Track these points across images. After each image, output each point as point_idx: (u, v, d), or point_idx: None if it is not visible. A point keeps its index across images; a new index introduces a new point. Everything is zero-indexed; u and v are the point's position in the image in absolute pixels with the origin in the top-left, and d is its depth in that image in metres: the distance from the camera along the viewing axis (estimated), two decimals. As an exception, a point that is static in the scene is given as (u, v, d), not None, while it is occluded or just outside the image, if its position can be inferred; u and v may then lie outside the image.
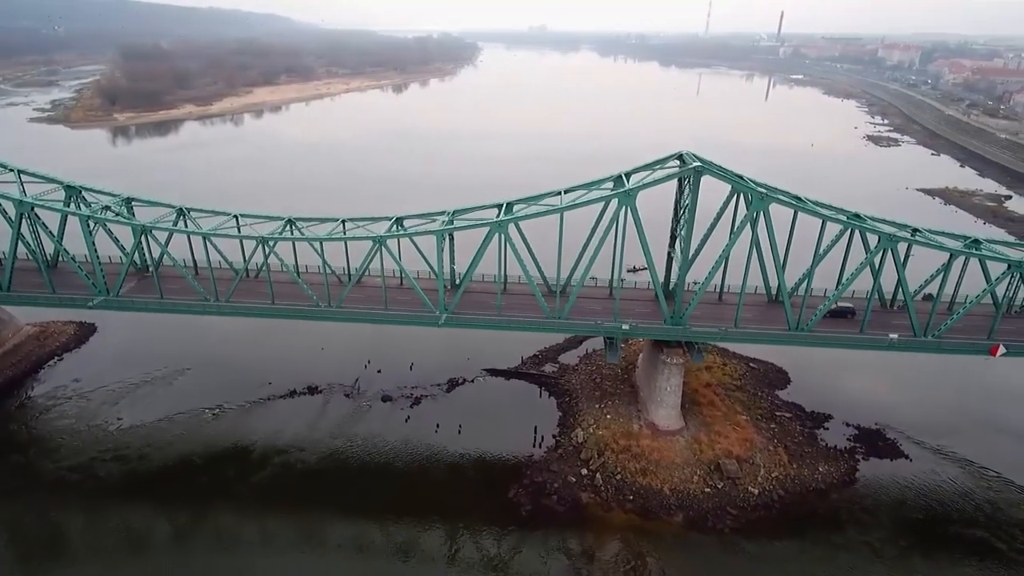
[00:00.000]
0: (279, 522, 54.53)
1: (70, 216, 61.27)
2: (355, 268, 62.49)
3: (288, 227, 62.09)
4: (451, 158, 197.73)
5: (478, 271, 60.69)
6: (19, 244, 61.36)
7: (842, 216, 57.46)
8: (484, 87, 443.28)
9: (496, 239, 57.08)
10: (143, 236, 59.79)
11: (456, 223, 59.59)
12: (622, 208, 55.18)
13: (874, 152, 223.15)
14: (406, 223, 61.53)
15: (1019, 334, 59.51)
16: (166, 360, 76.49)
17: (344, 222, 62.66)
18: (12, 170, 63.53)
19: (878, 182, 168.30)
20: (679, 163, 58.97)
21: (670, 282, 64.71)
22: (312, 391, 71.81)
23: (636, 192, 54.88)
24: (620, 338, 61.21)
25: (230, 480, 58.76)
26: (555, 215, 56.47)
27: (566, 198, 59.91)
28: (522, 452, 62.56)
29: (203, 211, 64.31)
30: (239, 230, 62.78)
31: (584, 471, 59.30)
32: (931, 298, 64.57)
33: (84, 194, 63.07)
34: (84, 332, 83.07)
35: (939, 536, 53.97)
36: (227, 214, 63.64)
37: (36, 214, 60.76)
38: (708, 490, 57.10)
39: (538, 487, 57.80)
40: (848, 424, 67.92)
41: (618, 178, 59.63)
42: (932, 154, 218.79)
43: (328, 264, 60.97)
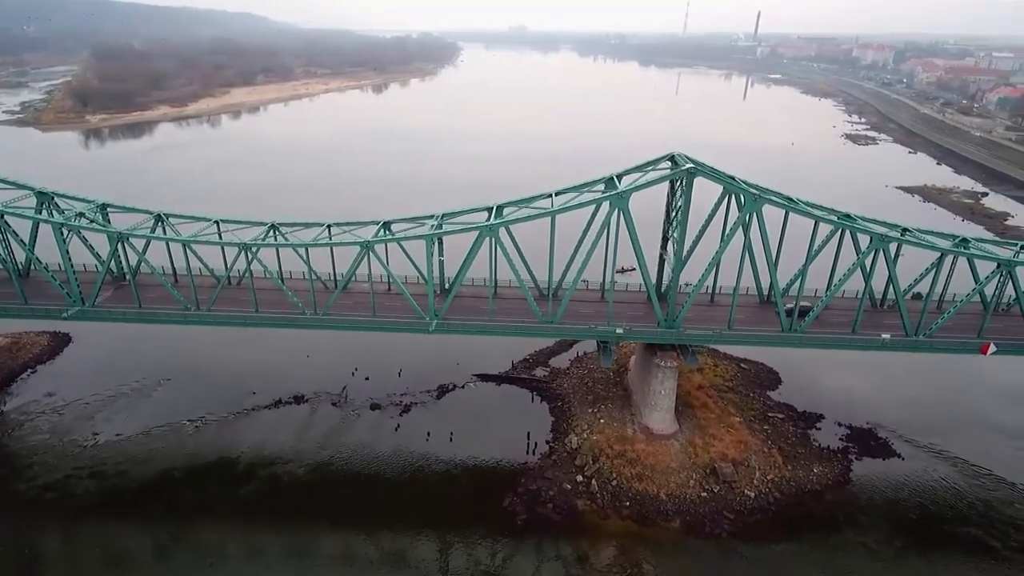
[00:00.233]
0: (266, 537, 52.78)
1: (42, 223, 58.71)
2: (341, 274, 60.90)
3: (271, 233, 60.27)
4: (435, 158, 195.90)
5: (468, 275, 59.55)
6: (-13, 253, 58.70)
7: (833, 216, 57.33)
8: (465, 87, 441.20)
9: (486, 243, 55.95)
10: (119, 244, 57.56)
11: (445, 227, 58.27)
12: (614, 210, 54.39)
13: (853, 150, 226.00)
14: (394, 227, 60.12)
15: (1007, 332, 59.88)
16: (144, 371, 74.02)
17: (330, 227, 60.97)
18: (-21, 176, 60.73)
19: (859, 181, 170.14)
20: (671, 164, 58.40)
21: (662, 284, 64.15)
22: (298, 400, 69.94)
23: (629, 194, 54.12)
24: (614, 342, 60.39)
25: (214, 495, 56.74)
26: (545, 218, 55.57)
27: (557, 200, 58.87)
28: (516, 459, 61.48)
29: (182, 217, 62.13)
30: (220, 236, 60.76)
31: (579, 478, 58.39)
32: (919, 297, 65.08)
33: (57, 200, 60.45)
34: (58, 343, 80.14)
35: (934, 535, 54.03)
36: (207, 220, 61.55)
37: (6, 222, 58.04)
38: (704, 494, 56.54)
39: (533, 495, 56.75)
40: (840, 424, 67.94)
41: (609, 180, 58.81)
42: (909, 152, 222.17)
43: (314, 270, 59.25)
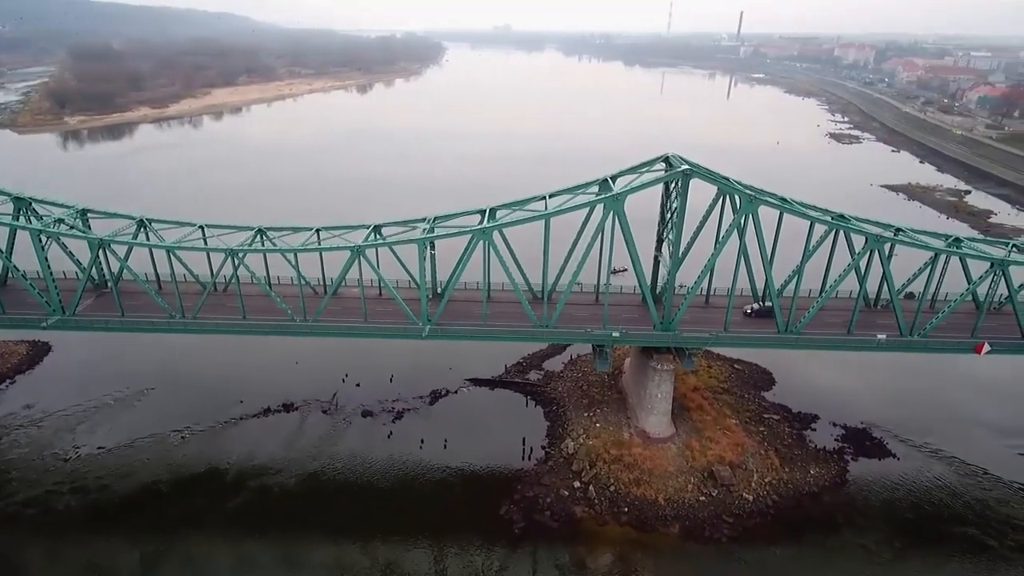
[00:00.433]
0: (256, 549, 51.47)
1: (19, 230, 56.67)
2: (331, 279, 59.55)
3: (259, 237, 58.79)
4: (423, 158, 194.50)
5: (460, 278, 58.44)
6: (-39, 261, 56.61)
7: (827, 217, 57.12)
8: (451, 87, 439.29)
9: (479, 245, 54.93)
10: (101, 250, 55.72)
11: (438, 230, 57.24)
12: (609, 213, 53.66)
13: (837, 149, 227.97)
14: (384, 231, 58.90)
15: (999, 331, 60.00)
16: (127, 380, 71.98)
17: (319, 231, 59.62)
18: (-48, 181, 58.56)
19: (845, 180, 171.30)
20: (665, 166, 57.84)
21: (657, 286, 63.57)
22: (287, 408, 68.41)
23: (624, 196, 53.39)
24: (610, 346, 59.71)
25: (201, 508, 55.10)
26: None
27: (551, 203, 58.05)
28: (511, 465, 60.55)
29: (166, 222, 60.33)
30: (205, 242, 59.10)
31: (576, 484, 57.58)
32: (911, 297, 65.19)
33: (35, 206, 58.38)
34: (37, 352, 77.80)
35: (932, 536, 53.97)
36: (192, 225, 59.82)
37: (-20, 229, 56.06)
38: (703, 498, 56.02)
39: (530, 502, 55.85)
40: (835, 424, 67.85)
41: (603, 182, 58.11)
42: (892, 151, 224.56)
43: (303, 276, 57.84)
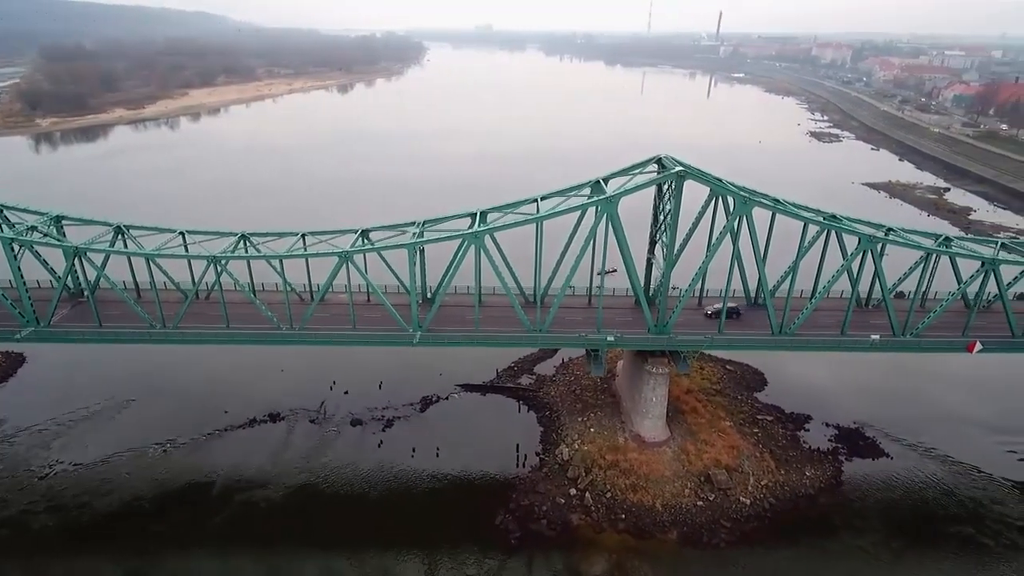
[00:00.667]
0: (244, 564, 49.95)
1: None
2: (318, 285, 57.94)
3: (242, 243, 56.99)
4: (407, 158, 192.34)
5: (451, 283, 57.21)
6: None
7: (819, 217, 56.90)
8: (433, 87, 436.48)
9: (470, 250, 53.71)
10: (76, 259, 53.52)
11: (428, 234, 55.94)
12: (603, 215, 52.82)
13: (818, 148, 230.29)
14: (373, 235, 57.47)
15: (988, 329, 60.26)
16: (106, 392, 69.52)
17: (304, 236, 58.00)
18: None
19: (827, 178, 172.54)
20: (657, 167, 57.16)
21: (650, 288, 62.89)
22: (274, 419, 66.54)
23: (618, 199, 52.54)
24: (605, 350, 58.89)
25: (186, 524, 53.13)
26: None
27: (543, 205, 57.12)
28: (506, 473, 59.43)
29: (144, 228, 58.28)
30: (186, 249, 57.11)
31: (572, 491, 56.65)
32: (901, 296, 65.36)
33: (6, 213, 55.96)
34: (11, 363, 74.91)
35: (928, 536, 53.92)
36: (172, 231, 57.75)
37: (-52, 237, 53.45)
38: (700, 503, 55.41)
39: (526, 511, 54.78)
40: (828, 424, 67.76)
41: (596, 184, 57.24)
42: (872, 149, 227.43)
43: (289, 282, 56.13)
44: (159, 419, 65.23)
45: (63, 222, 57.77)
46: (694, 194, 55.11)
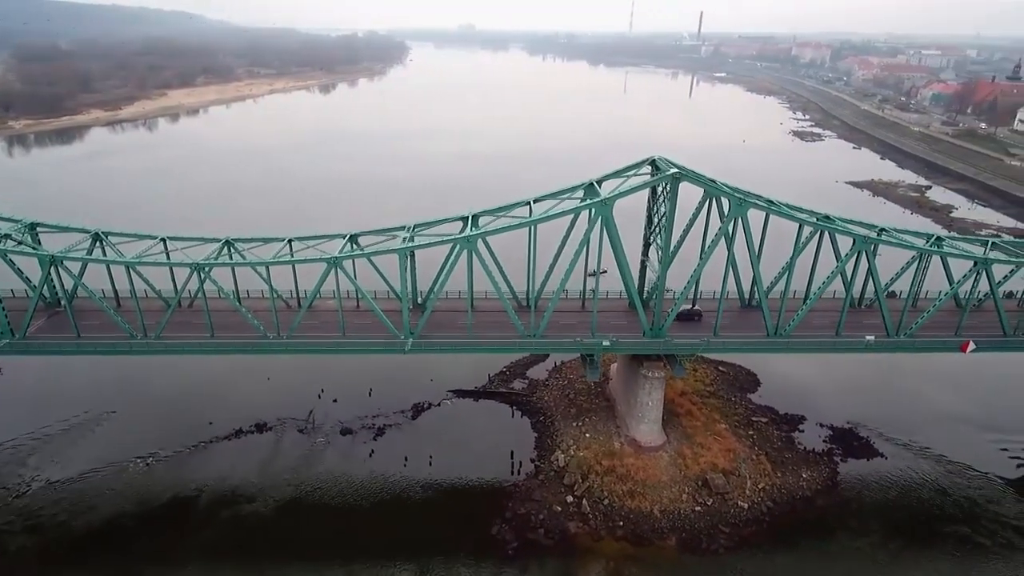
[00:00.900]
0: (233, 585, 48.20)
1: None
2: (305, 292, 56.40)
3: (226, 249, 55.24)
4: (393, 158, 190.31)
5: (442, 288, 56.01)
6: None
7: (812, 218, 56.60)
8: (417, 87, 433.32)
9: (462, 255, 52.55)
10: (53, 267, 51.42)
11: (419, 239, 54.66)
12: (597, 218, 51.95)
13: (801, 147, 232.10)
14: (362, 240, 56.06)
15: (980, 328, 60.42)
16: (84, 403, 67.15)
17: (291, 241, 56.36)
18: None
19: (812, 178, 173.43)
20: (651, 169, 56.40)
21: (643, 291, 62.17)
22: (260, 429, 64.76)
23: (612, 201, 51.61)
24: (600, 354, 58.05)
25: (170, 542, 51.32)
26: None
27: (536, 208, 56.12)
28: (501, 481, 58.36)
29: (124, 235, 56.16)
30: (168, 256, 55.26)
31: (569, 498, 55.75)
32: (892, 296, 65.31)
33: (-24, 221, 53.80)
34: (-17, 376, 72.11)
35: (925, 535, 53.84)
36: (153, 237, 55.82)
37: (-86, 246, 51.08)
38: (698, 508, 54.82)
39: (522, 520, 53.74)
40: (822, 425, 67.62)
41: (589, 186, 56.32)
42: (853, 147, 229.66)
43: (275, 289, 54.52)
44: (141, 431, 63.11)
45: (38, 229, 55.57)
46: (686, 195, 54.38)
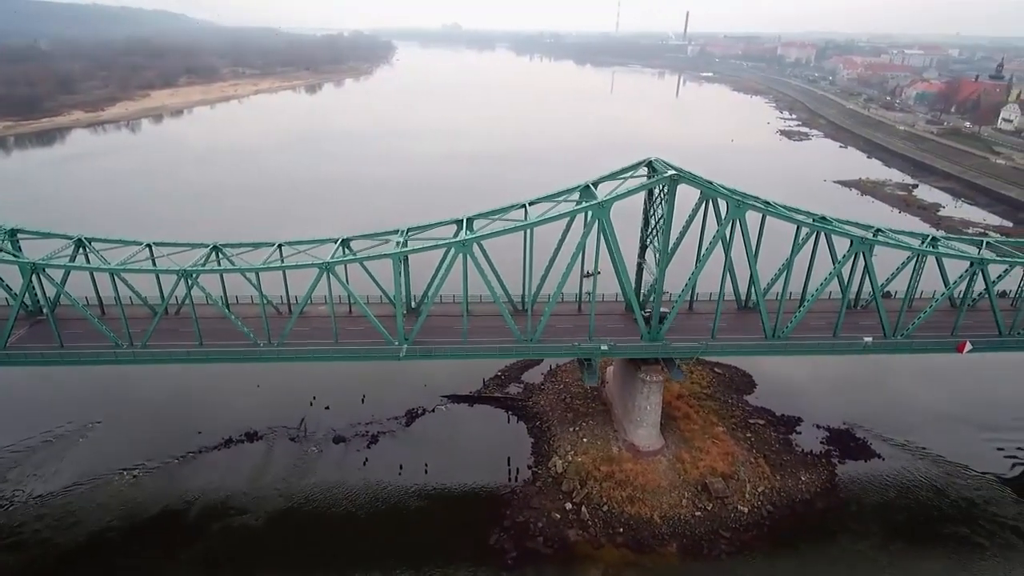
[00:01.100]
0: (225, 602, 46.85)
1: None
2: (296, 298, 55.15)
3: (214, 255, 53.80)
4: (380, 159, 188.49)
5: (437, 292, 54.99)
6: None
7: (809, 219, 56.29)
8: (403, 87, 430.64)
9: (457, 259, 51.57)
10: (34, 275, 49.75)
11: (413, 243, 53.58)
12: (595, 221, 51.22)
13: (788, 146, 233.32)
14: (354, 244, 54.92)
15: (975, 328, 60.46)
16: (68, 414, 65.26)
17: (281, 246, 55.07)
18: None
19: (801, 177, 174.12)
20: (648, 171, 55.77)
21: (640, 294, 61.52)
22: (251, 438, 63.30)
23: (610, 204, 50.95)
24: (598, 359, 57.33)
25: (159, 558, 49.82)
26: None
27: (532, 210, 55.30)
28: (498, 488, 57.43)
29: (108, 241, 54.63)
30: (154, 262, 53.75)
31: (568, 505, 54.96)
32: (888, 296, 65.28)
33: (-48, 227, 51.91)
34: (-39, 387, 69.92)
35: (924, 537, 53.66)
36: (138, 243, 54.26)
37: None
38: (699, 513, 54.26)
39: (521, 528, 52.86)
40: (818, 426, 67.39)
41: (585, 188, 55.59)
42: (840, 146, 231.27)
43: (265, 296, 53.19)
44: (127, 443, 61.46)
45: (19, 235, 53.73)
46: (681, 197, 53.74)
